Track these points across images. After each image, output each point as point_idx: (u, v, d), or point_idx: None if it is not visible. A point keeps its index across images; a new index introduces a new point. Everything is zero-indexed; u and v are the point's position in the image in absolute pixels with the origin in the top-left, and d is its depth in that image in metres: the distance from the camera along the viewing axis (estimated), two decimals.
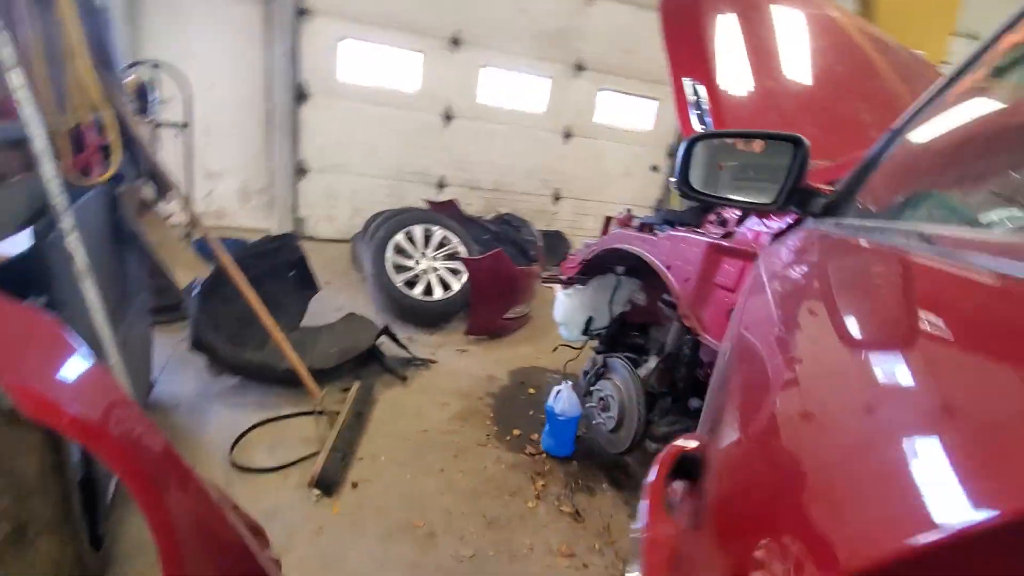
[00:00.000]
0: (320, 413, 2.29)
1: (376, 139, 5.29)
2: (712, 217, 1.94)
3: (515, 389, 2.97)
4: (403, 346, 3.03)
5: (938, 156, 1.10)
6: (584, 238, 6.42)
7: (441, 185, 5.67)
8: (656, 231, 2.06)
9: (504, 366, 3.23)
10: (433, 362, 3.09)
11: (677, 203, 6.83)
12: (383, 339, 2.91)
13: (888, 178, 1.08)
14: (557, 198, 6.25)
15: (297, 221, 5.24)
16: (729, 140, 1.21)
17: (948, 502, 0.30)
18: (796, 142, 1.10)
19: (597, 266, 2.51)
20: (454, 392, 2.81)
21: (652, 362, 2.20)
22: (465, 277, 3.71)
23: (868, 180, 1.08)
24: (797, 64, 2.23)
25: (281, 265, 2.92)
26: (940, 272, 0.56)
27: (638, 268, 2.48)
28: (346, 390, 2.52)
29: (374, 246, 3.62)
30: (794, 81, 2.16)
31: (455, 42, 5.23)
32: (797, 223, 1.50)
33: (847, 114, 2.20)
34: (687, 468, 0.51)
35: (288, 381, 2.39)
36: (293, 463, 2.04)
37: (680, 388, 2.20)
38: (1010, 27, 0.86)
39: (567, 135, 6.01)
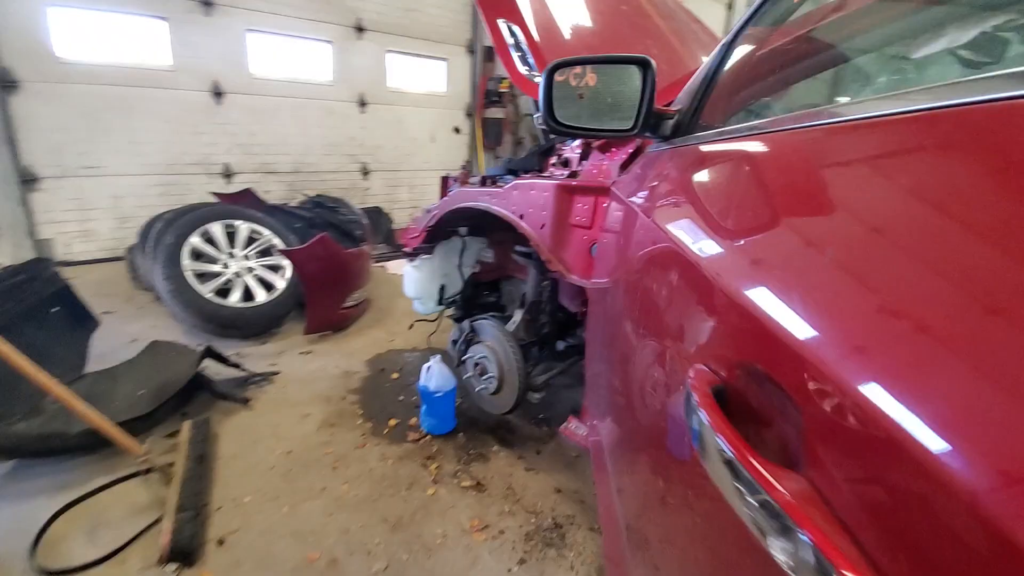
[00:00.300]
0: (148, 472, 1.83)
1: (132, 128, 4.31)
2: (553, 159, 1.95)
3: (378, 378, 2.76)
4: (234, 365, 2.58)
5: (758, 74, 1.22)
6: (401, 211, 6.21)
7: (229, 174, 4.90)
8: (500, 183, 2.00)
9: (358, 357, 2.98)
10: (276, 373, 2.71)
11: (483, 163, 6.93)
12: (206, 363, 2.44)
13: (721, 98, 1.15)
14: (366, 172, 5.88)
15: (40, 245, 4.09)
16: (573, 74, 1.16)
17: None
18: (644, 64, 1.10)
19: (440, 231, 2.40)
20: (312, 399, 2.50)
21: (517, 316, 2.19)
22: (289, 272, 3.29)
23: (706, 101, 1.14)
24: (591, 5, 2.31)
25: (37, 302, 2.22)
26: (777, 143, 0.69)
27: (481, 226, 2.43)
28: (174, 434, 2.07)
29: (163, 256, 2.97)
30: (593, 21, 2.24)
31: (206, 3, 4.44)
32: (637, 152, 1.56)
33: (643, 50, 2.36)
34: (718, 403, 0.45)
35: (90, 445, 1.87)
36: (129, 543, 1.60)
37: (546, 334, 2.25)
38: None
39: (362, 103, 5.62)
